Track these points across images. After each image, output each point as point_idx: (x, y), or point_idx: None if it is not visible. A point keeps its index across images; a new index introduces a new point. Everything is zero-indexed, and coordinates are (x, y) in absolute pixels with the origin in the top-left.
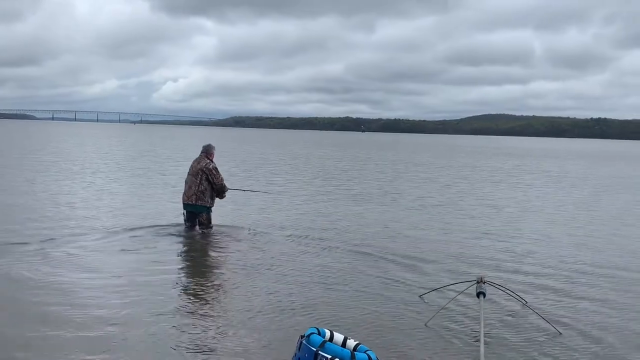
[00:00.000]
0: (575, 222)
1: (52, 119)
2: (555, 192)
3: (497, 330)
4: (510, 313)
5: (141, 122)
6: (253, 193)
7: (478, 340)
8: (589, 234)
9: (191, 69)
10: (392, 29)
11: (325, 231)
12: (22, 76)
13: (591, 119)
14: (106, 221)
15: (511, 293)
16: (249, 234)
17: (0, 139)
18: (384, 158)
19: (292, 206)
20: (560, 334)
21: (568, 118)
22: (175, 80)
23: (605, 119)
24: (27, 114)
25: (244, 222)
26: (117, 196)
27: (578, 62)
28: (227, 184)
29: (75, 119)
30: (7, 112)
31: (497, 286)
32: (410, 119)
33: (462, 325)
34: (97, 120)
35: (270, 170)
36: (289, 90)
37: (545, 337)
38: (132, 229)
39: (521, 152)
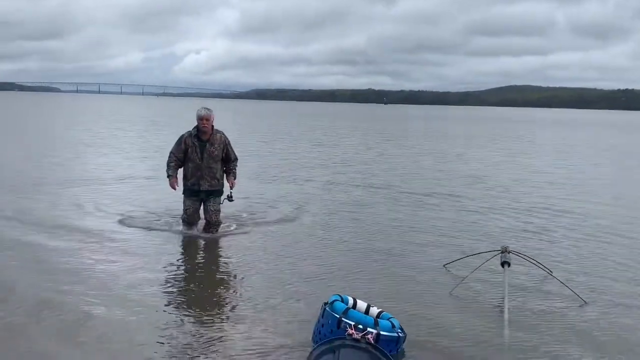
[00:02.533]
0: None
1: (77, 91)
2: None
3: (521, 299)
4: (535, 283)
5: (164, 94)
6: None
7: (502, 309)
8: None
9: (213, 41)
10: (412, 1)
11: (350, 202)
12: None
13: (617, 90)
14: None
15: (536, 263)
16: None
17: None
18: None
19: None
20: (586, 303)
21: (594, 89)
22: (197, 52)
23: (632, 89)
24: (52, 86)
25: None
26: None
27: (600, 33)
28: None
29: (99, 92)
30: (32, 84)
31: (522, 256)
32: (433, 90)
33: (486, 295)
34: (121, 93)
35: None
36: (310, 62)
37: (570, 306)
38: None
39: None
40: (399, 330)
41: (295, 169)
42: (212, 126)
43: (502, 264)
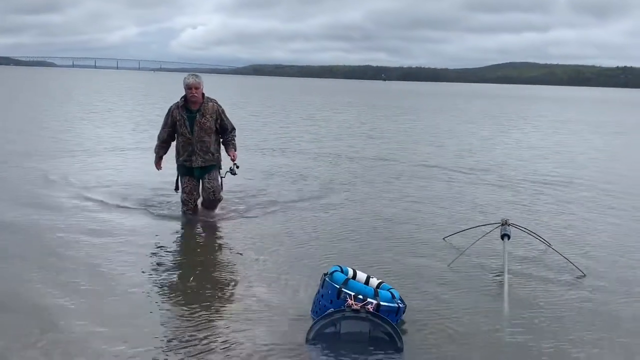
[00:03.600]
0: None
1: (73, 66)
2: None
3: (521, 272)
4: (535, 255)
5: (160, 69)
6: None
7: (502, 282)
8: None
9: (210, 16)
10: None
11: (347, 175)
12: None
13: (617, 67)
14: None
15: (536, 235)
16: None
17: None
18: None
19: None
20: (585, 275)
21: (593, 66)
22: (194, 27)
23: (631, 67)
24: (48, 61)
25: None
26: None
27: (599, 9)
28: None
29: (95, 66)
30: (28, 59)
31: (521, 228)
32: (431, 67)
33: (486, 267)
34: (117, 68)
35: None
36: (308, 38)
37: (570, 278)
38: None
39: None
40: (399, 301)
41: (286, 141)
42: (203, 94)
43: (502, 237)
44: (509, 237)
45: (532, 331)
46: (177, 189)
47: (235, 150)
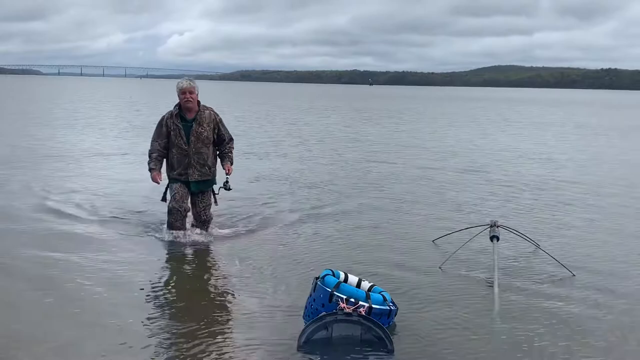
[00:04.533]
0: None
1: (58, 74)
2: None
3: (510, 272)
4: (524, 256)
5: (147, 76)
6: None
7: (492, 283)
8: (604, 179)
9: (197, 22)
10: None
11: (337, 177)
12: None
13: (601, 69)
14: None
15: (524, 236)
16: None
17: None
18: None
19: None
20: (574, 275)
21: (578, 69)
22: (181, 33)
23: (615, 69)
24: (33, 69)
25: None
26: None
27: (583, 12)
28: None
29: (81, 74)
30: (13, 67)
31: (510, 230)
32: (418, 71)
33: (476, 269)
34: (103, 75)
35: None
36: (295, 43)
37: (559, 279)
38: None
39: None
40: (391, 304)
41: (271, 145)
42: (198, 101)
43: (491, 238)
44: (498, 239)
45: (522, 332)
46: (164, 199)
47: (231, 164)
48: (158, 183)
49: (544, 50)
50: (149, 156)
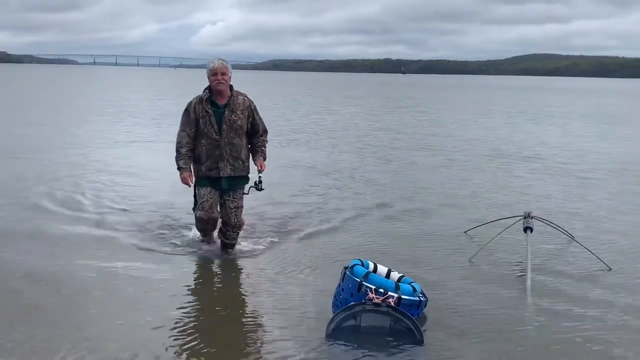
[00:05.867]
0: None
1: (94, 63)
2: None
3: (544, 265)
4: (558, 248)
5: (181, 66)
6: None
7: (524, 275)
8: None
9: (229, 11)
10: None
11: (364, 168)
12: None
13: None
14: None
15: (559, 228)
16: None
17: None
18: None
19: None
20: (610, 269)
21: (616, 57)
22: (214, 23)
23: None
24: (69, 59)
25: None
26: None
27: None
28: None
29: (116, 64)
30: (49, 57)
31: (544, 221)
32: (451, 59)
33: (508, 261)
34: (138, 65)
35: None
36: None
37: (595, 272)
38: None
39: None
40: (421, 295)
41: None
42: (231, 86)
43: (525, 230)
44: (531, 230)
45: (555, 327)
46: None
47: (264, 160)
48: (189, 186)
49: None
50: (177, 151)
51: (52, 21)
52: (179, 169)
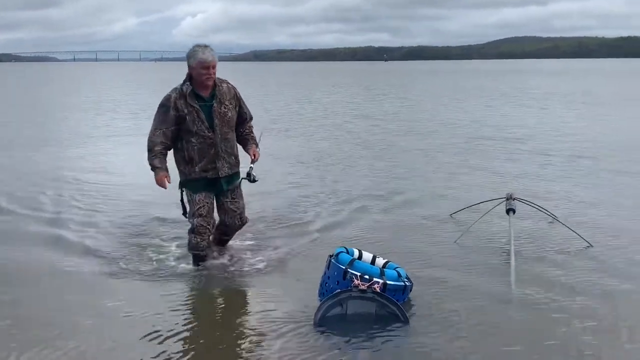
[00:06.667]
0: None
1: (74, 60)
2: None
3: (527, 245)
4: (541, 228)
5: (161, 59)
6: None
7: (508, 256)
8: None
9: (210, 3)
10: None
11: (350, 150)
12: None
13: (620, 37)
14: None
15: (541, 208)
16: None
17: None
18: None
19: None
20: (592, 246)
21: (596, 37)
22: (194, 15)
23: (635, 37)
24: (49, 56)
25: None
26: None
27: None
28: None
29: (96, 59)
30: (28, 54)
31: (526, 202)
32: (433, 45)
33: (492, 242)
34: (118, 59)
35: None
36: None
37: (576, 249)
38: None
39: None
40: (406, 280)
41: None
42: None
43: (507, 211)
44: (514, 212)
45: (539, 305)
46: (186, 213)
47: (257, 147)
48: (165, 187)
49: (560, 20)
50: (150, 150)
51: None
52: (153, 169)
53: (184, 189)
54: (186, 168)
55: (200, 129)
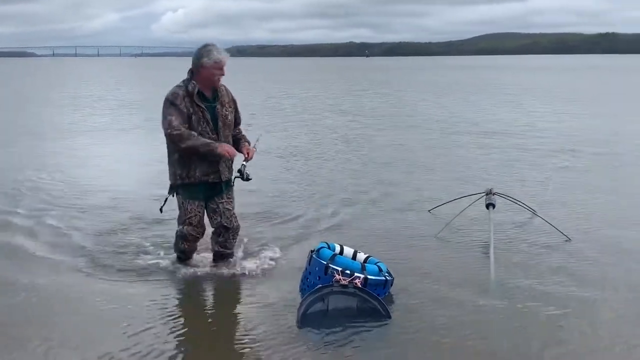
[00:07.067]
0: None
1: (53, 55)
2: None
3: (507, 239)
4: (520, 223)
5: (142, 54)
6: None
7: (488, 251)
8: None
9: None
10: None
11: (330, 147)
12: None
13: (599, 33)
14: None
15: (520, 203)
16: None
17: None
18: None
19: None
20: (570, 240)
21: (575, 34)
22: (175, 10)
23: (614, 33)
24: (28, 51)
25: None
26: None
27: None
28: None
29: (76, 54)
30: (7, 49)
31: (506, 197)
32: (415, 41)
33: (472, 237)
34: (98, 55)
35: None
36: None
37: (555, 243)
38: None
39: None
40: (387, 274)
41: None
42: None
43: (487, 206)
44: (494, 206)
45: (518, 299)
46: (162, 210)
47: (249, 144)
48: (235, 154)
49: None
50: (189, 137)
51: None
52: (208, 145)
53: (175, 193)
54: (183, 171)
55: (205, 130)
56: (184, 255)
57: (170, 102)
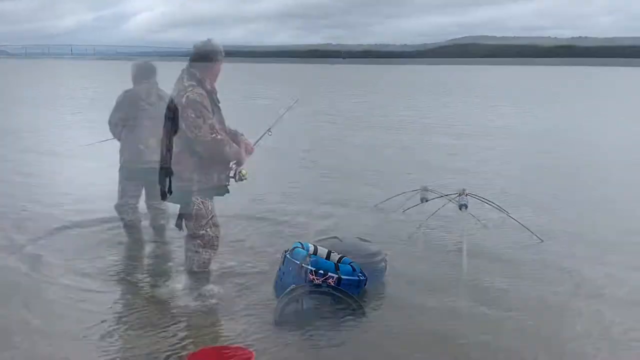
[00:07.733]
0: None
1: (25, 54)
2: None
3: (479, 240)
4: (493, 224)
5: (116, 54)
6: None
7: (461, 251)
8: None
9: None
10: None
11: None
12: None
13: (572, 37)
14: None
15: (493, 204)
16: None
17: None
18: None
19: None
20: (542, 241)
21: (549, 37)
22: (150, 10)
23: (586, 37)
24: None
25: None
26: None
27: None
28: None
29: (48, 53)
30: None
31: (478, 198)
32: (391, 43)
33: (445, 238)
34: (71, 54)
35: None
36: (265, 17)
37: (527, 244)
38: None
39: None
40: (360, 274)
41: None
42: None
43: (460, 207)
44: (466, 207)
45: (490, 299)
46: (180, 224)
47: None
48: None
49: (514, 20)
50: (229, 143)
51: None
52: (240, 155)
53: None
54: (201, 176)
55: (223, 130)
56: (207, 270)
57: (202, 105)
